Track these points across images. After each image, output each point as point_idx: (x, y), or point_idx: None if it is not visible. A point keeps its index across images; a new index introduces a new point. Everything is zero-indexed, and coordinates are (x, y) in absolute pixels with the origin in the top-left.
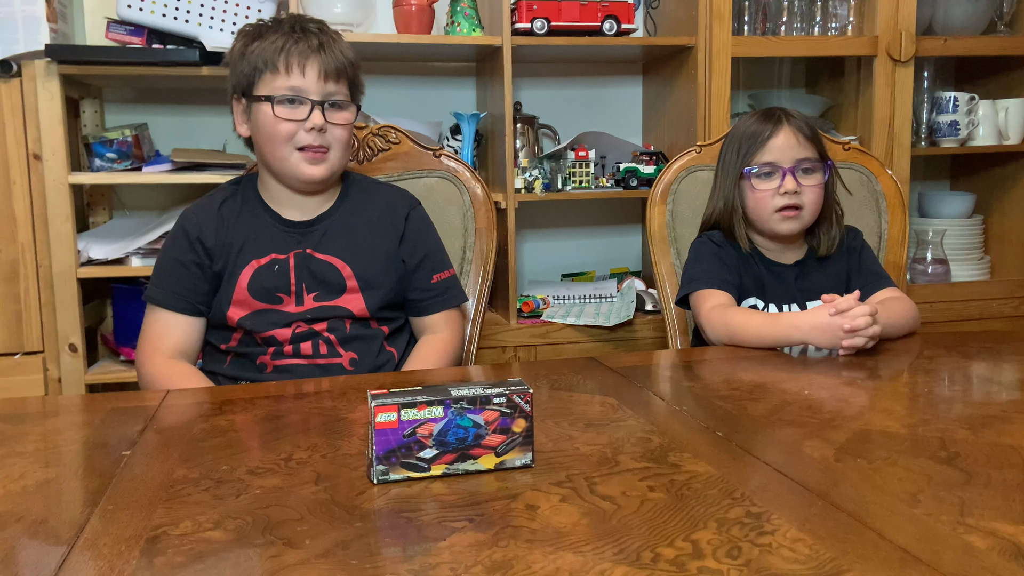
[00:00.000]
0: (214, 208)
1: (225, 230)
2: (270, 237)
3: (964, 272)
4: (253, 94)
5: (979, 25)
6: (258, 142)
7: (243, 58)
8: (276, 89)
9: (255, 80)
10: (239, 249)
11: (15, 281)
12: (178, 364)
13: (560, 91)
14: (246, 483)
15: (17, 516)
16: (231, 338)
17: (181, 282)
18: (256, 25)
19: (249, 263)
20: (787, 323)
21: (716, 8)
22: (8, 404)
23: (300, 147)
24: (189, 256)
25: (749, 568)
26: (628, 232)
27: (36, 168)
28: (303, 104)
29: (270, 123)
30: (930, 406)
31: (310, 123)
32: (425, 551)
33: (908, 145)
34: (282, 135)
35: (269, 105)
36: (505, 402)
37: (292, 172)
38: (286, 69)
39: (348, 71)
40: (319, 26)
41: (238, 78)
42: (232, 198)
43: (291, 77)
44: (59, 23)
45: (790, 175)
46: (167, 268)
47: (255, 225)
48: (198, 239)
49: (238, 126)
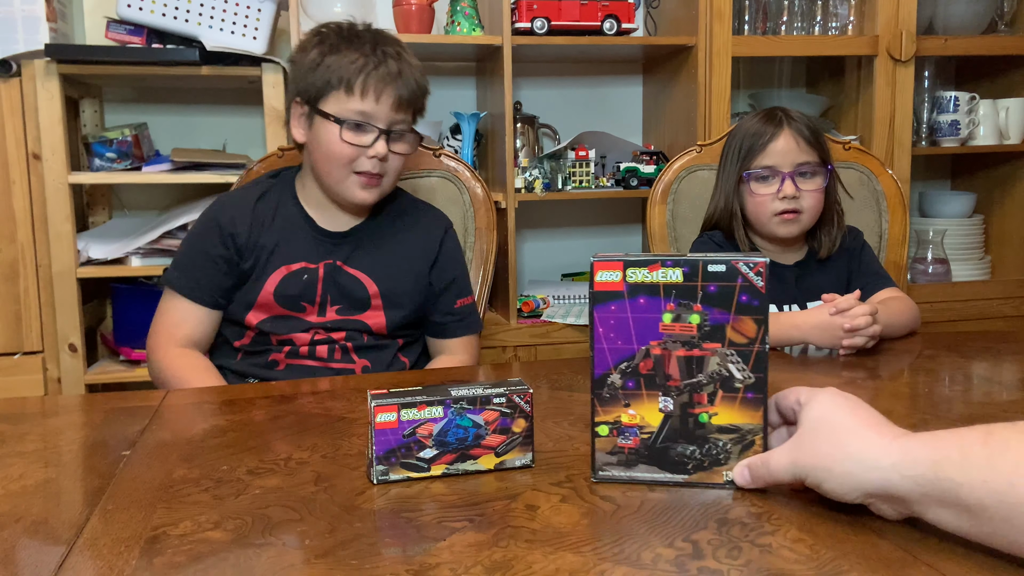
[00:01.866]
0: (250, 203)
1: (259, 229)
2: (303, 244)
3: (964, 272)
4: (319, 107)
5: (980, 25)
6: (314, 155)
7: (316, 68)
8: (345, 111)
9: (325, 94)
10: (270, 252)
11: (15, 281)
12: (192, 355)
13: (560, 91)
14: (246, 483)
15: (17, 516)
16: (244, 335)
17: (206, 274)
18: (335, 32)
19: (278, 268)
20: (787, 322)
21: (716, 7)
22: (8, 404)
23: (357, 171)
24: (219, 250)
25: (749, 568)
26: (628, 232)
27: (36, 168)
28: (369, 131)
29: (333, 143)
30: (930, 406)
31: (373, 151)
32: (425, 551)
33: (908, 145)
34: (343, 159)
35: (336, 126)
36: (505, 402)
37: (344, 194)
38: (361, 93)
39: (418, 101)
40: (397, 48)
41: (307, 86)
42: (269, 194)
43: (364, 102)
44: (59, 22)
45: (789, 180)
46: (193, 257)
47: (289, 228)
48: (231, 235)
49: (294, 130)
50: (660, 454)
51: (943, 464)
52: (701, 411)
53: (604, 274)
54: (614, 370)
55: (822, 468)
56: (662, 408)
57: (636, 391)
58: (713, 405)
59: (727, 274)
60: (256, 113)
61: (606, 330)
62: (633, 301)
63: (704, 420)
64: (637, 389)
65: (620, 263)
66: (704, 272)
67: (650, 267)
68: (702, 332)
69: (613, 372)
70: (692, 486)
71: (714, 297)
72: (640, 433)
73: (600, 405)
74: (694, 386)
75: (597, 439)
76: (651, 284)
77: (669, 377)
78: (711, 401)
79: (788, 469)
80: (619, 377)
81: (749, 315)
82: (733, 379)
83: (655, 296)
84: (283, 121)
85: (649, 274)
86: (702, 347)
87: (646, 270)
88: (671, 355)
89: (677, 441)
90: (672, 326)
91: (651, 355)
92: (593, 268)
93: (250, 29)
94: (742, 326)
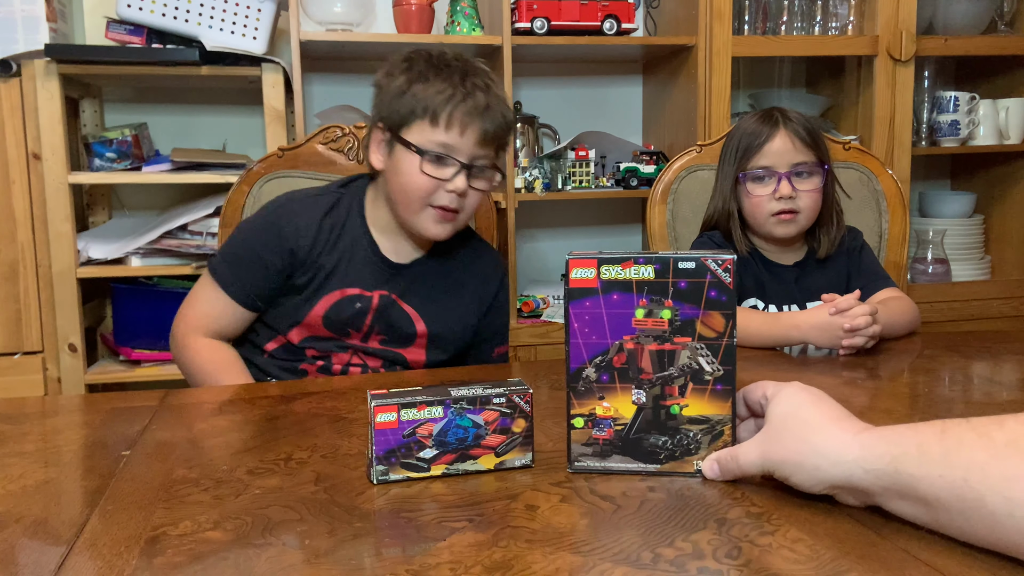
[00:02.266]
0: (317, 216)
1: (321, 246)
2: (362, 269)
3: (964, 272)
4: (402, 135)
5: (980, 25)
6: (391, 183)
7: (402, 95)
8: (428, 143)
9: (409, 123)
10: (328, 273)
11: (15, 281)
12: (220, 349)
13: (560, 91)
14: (246, 483)
15: (17, 516)
16: (275, 338)
17: (252, 276)
18: (424, 60)
19: (333, 291)
20: (787, 323)
21: (716, 7)
22: (8, 404)
23: (433, 204)
24: (273, 258)
25: (749, 568)
26: (628, 232)
27: (36, 168)
28: (451, 164)
29: (412, 175)
30: (930, 406)
31: (452, 185)
32: (425, 551)
33: (908, 145)
34: (422, 192)
35: (417, 157)
36: (505, 402)
37: (417, 226)
38: (446, 125)
39: (504, 137)
40: (487, 81)
41: (390, 112)
42: (337, 207)
43: (448, 134)
44: (59, 23)
45: (785, 180)
46: (245, 257)
47: (351, 250)
48: (291, 249)
49: (372, 155)
50: (633, 445)
51: (902, 459)
52: (672, 403)
53: (579, 271)
54: (589, 364)
55: (791, 463)
56: (635, 400)
57: (610, 384)
58: (684, 397)
59: (696, 271)
60: (256, 113)
61: (581, 325)
62: (607, 297)
63: (675, 412)
64: (611, 382)
65: (594, 260)
66: (675, 269)
67: (623, 264)
68: (673, 327)
69: (588, 366)
70: (664, 475)
71: (684, 293)
72: (614, 425)
73: (575, 398)
74: (666, 379)
75: (573, 431)
76: (624, 281)
77: (642, 371)
78: (682, 393)
79: (757, 463)
80: (594, 371)
81: (718, 310)
82: (703, 372)
83: (628, 292)
84: (289, 124)
85: (622, 271)
86: (673, 341)
87: (619, 267)
88: (644, 349)
89: (650, 432)
90: (644, 321)
91: (624, 349)
92: (568, 265)
93: (250, 29)
94: (711, 321)
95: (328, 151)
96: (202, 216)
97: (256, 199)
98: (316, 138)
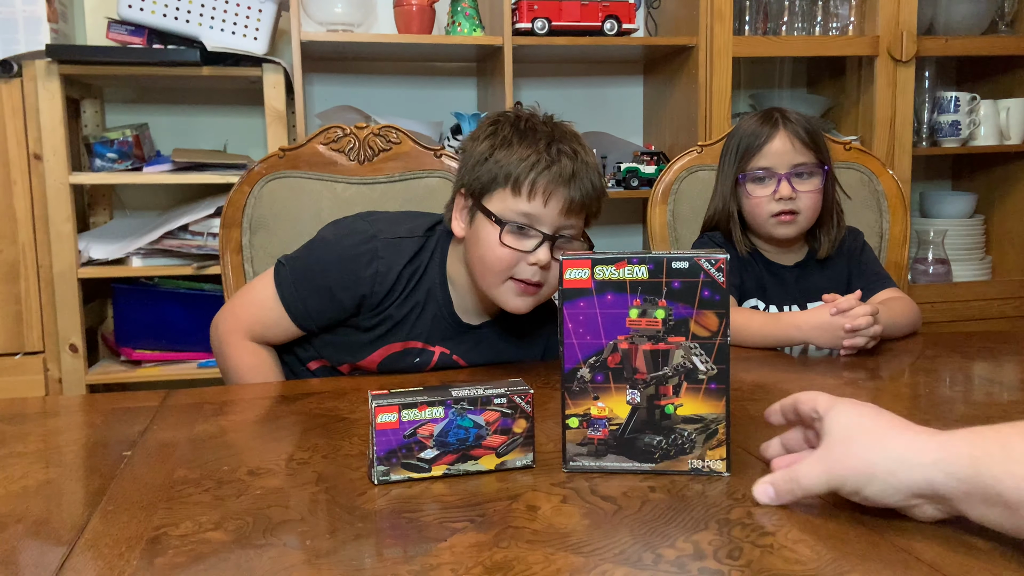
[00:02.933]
0: (400, 264)
1: (395, 296)
2: (429, 324)
3: (965, 272)
4: (483, 203)
5: (980, 25)
6: (470, 253)
7: (485, 161)
8: (509, 211)
9: (491, 191)
10: (396, 323)
11: (15, 281)
12: (263, 356)
13: (560, 91)
14: (247, 484)
15: (18, 517)
16: (320, 359)
17: (319, 306)
18: (510, 124)
19: (395, 342)
20: (788, 323)
21: (717, 8)
22: (9, 404)
23: (515, 277)
24: (344, 298)
25: (751, 569)
26: (629, 232)
27: (37, 168)
28: (533, 235)
29: (492, 247)
30: (931, 406)
31: (534, 258)
32: (426, 552)
33: (909, 145)
34: (502, 264)
35: (497, 228)
36: (506, 403)
37: (498, 299)
38: (529, 194)
39: (592, 205)
40: (575, 146)
41: (473, 178)
42: (420, 254)
43: (530, 203)
44: (60, 23)
45: (785, 181)
46: (317, 283)
47: (424, 302)
48: (364, 295)
49: (454, 222)
50: (628, 444)
51: (984, 460)
52: (667, 402)
53: (573, 271)
54: (583, 364)
55: (862, 474)
56: (629, 400)
57: (605, 384)
58: (678, 396)
59: (690, 270)
60: (257, 113)
61: (575, 326)
62: (601, 297)
63: (670, 411)
64: (606, 382)
65: (588, 261)
66: (668, 269)
67: (617, 264)
68: (667, 326)
69: (582, 366)
70: (659, 474)
71: (678, 293)
72: (609, 425)
73: (570, 398)
74: (660, 378)
75: (568, 431)
76: (618, 281)
77: (636, 370)
78: (676, 393)
79: (821, 480)
80: (588, 371)
81: (711, 309)
82: (697, 371)
83: (622, 292)
84: (290, 125)
85: (616, 271)
86: (667, 341)
87: (613, 267)
88: (638, 349)
89: (644, 432)
90: (638, 321)
91: (619, 349)
92: (562, 266)
93: (251, 30)
94: (705, 320)
95: (329, 151)
96: (203, 216)
97: (257, 199)
98: (317, 138)
